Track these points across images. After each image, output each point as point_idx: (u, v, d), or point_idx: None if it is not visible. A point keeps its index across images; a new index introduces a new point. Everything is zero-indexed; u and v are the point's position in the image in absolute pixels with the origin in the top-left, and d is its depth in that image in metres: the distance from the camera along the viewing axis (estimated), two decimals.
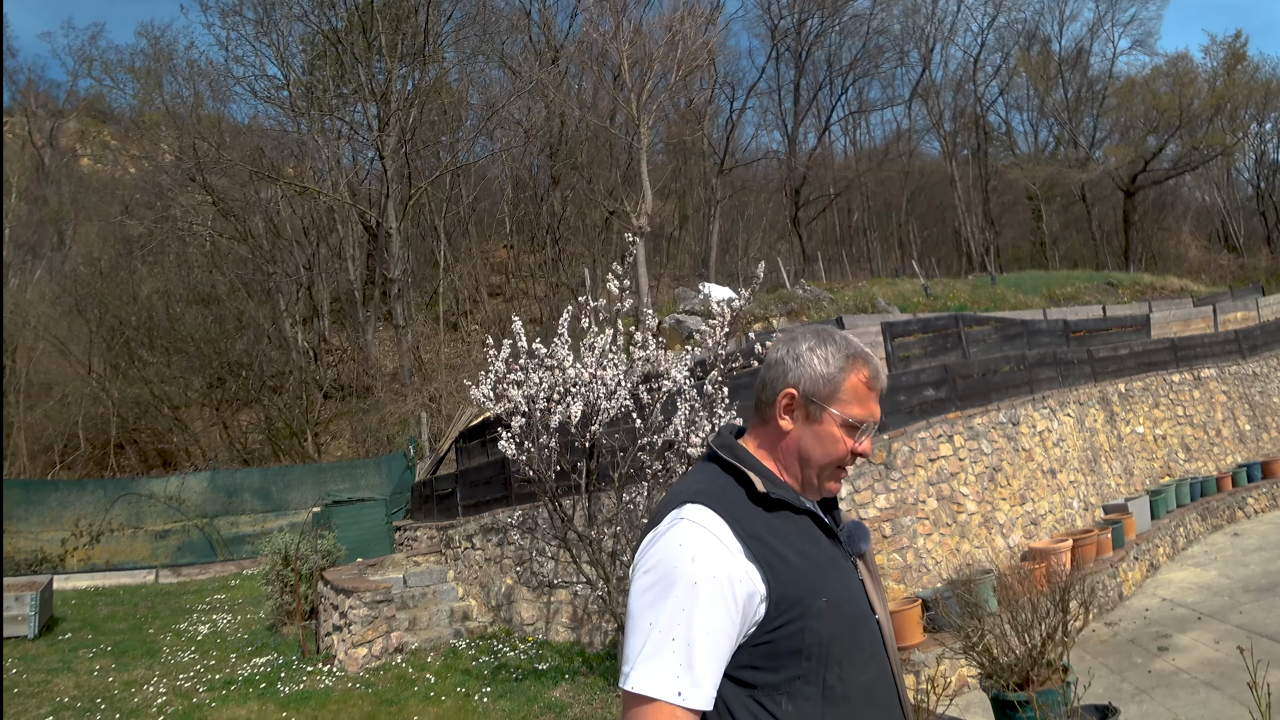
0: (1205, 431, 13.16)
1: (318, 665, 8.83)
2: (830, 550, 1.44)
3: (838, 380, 1.47)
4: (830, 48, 36.99)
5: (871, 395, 1.49)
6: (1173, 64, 35.81)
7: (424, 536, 12.31)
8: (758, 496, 1.39)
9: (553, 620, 9.41)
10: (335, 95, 25.85)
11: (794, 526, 1.41)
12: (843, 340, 1.51)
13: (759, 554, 1.33)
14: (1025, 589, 6.83)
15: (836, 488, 1.51)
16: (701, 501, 1.37)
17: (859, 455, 1.49)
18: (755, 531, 1.35)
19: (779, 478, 1.46)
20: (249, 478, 16.38)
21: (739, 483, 1.42)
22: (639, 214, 17.27)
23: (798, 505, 1.43)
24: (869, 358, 1.51)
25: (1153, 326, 14.16)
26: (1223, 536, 11.26)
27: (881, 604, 1.50)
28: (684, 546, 1.31)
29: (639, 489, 7.51)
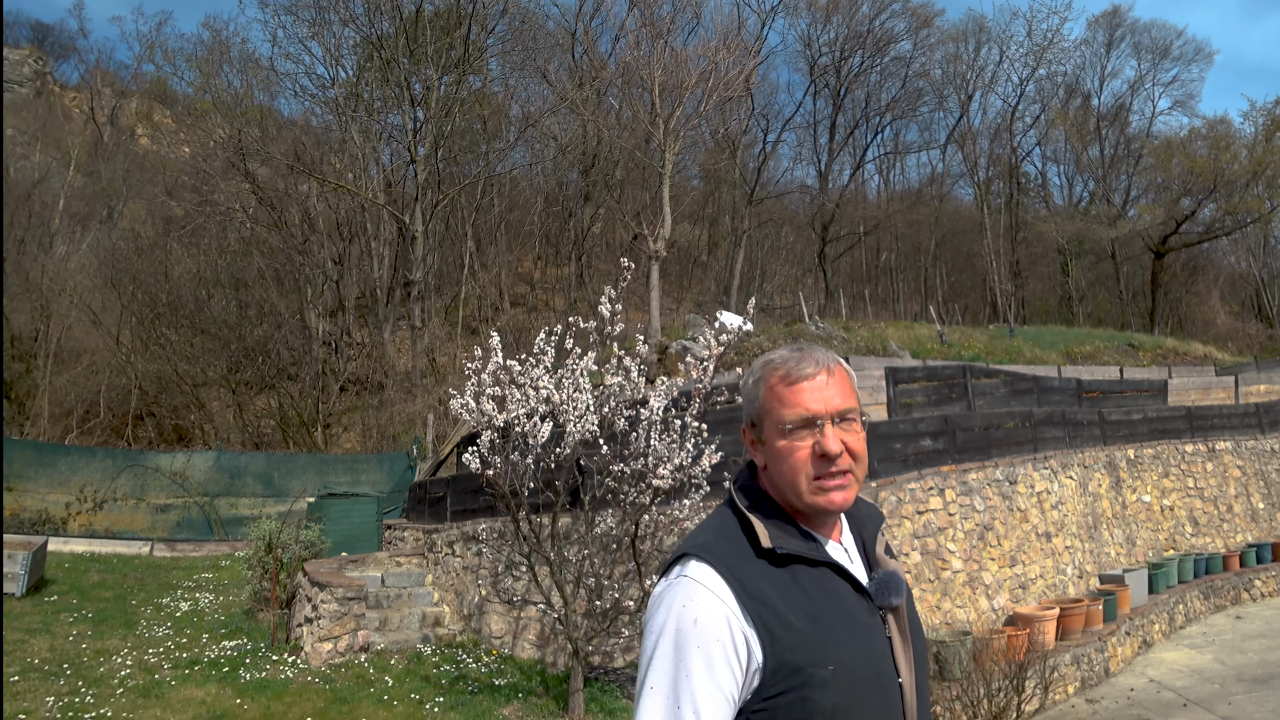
0: (1216, 506, 12.76)
1: (283, 655, 8.85)
2: (851, 606, 1.33)
3: (758, 393, 1.41)
4: (869, 87, 37.04)
5: (798, 389, 1.36)
6: (1211, 126, 35.18)
7: (410, 538, 12.34)
8: (765, 551, 1.31)
9: (520, 635, 9.36)
10: (378, 98, 26.37)
11: (806, 581, 1.31)
12: (771, 353, 1.43)
13: (759, 616, 1.26)
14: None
15: (834, 500, 1.34)
16: (705, 557, 1.31)
17: (828, 455, 1.33)
18: (758, 591, 1.28)
19: (791, 525, 1.36)
20: (253, 461, 16.61)
21: (745, 532, 1.34)
22: (656, 238, 17.30)
23: (812, 557, 1.33)
24: (786, 356, 1.41)
25: (1171, 393, 13.81)
26: (1224, 618, 10.87)
27: (909, 665, 1.36)
28: (686, 608, 1.27)
29: (609, 514, 7.46)
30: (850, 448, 1.35)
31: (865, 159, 39.62)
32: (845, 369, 1.42)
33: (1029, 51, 39.59)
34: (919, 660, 1.40)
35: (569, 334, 7.18)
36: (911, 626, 1.41)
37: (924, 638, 1.52)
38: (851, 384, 1.42)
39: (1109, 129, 39.72)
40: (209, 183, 26.60)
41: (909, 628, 1.39)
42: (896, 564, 1.43)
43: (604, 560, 7.47)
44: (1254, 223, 34.71)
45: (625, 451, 7.08)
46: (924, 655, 1.44)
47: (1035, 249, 38.32)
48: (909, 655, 1.37)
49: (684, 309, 26.51)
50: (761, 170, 33.02)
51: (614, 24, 28.59)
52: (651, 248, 17.24)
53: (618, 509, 7.32)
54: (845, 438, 1.35)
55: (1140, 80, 40.79)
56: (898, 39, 35.50)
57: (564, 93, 25.21)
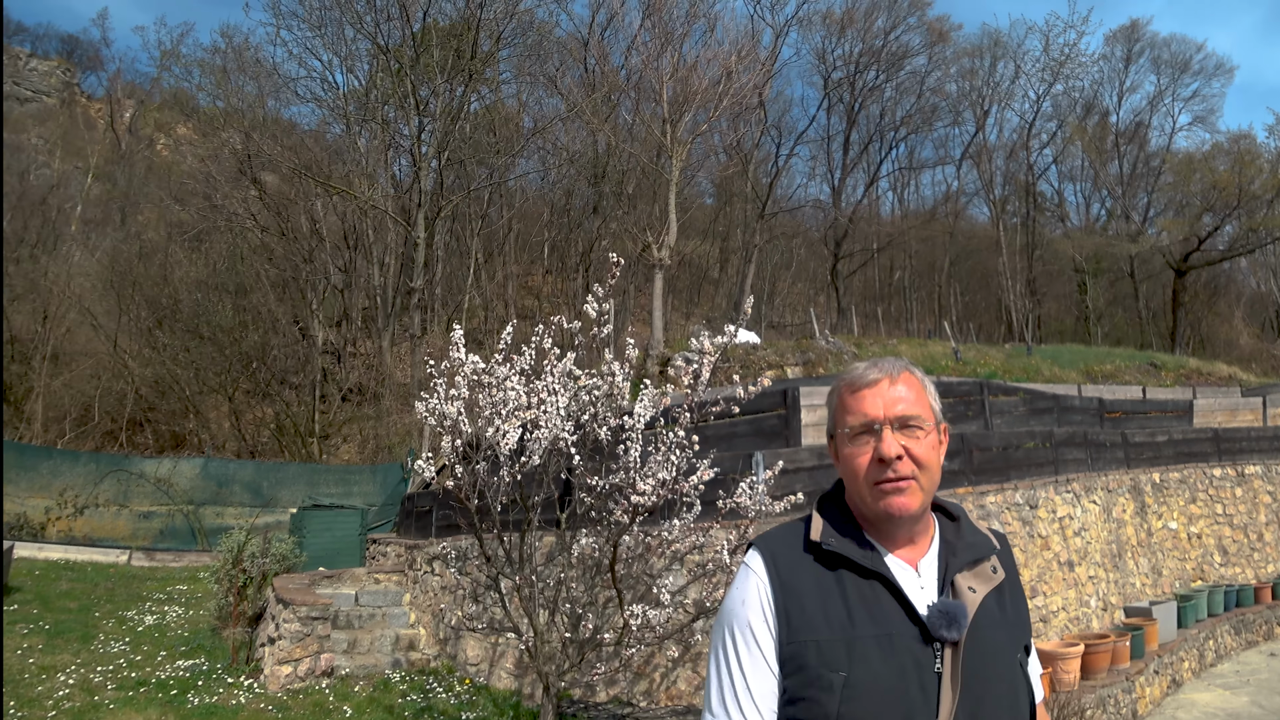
0: (1246, 534, 11.96)
1: (240, 678, 8.27)
2: (895, 626, 1.28)
3: (832, 404, 1.45)
4: (884, 102, 36.46)
5: (861, 396, 1.38)
6: (1234, 142, 34.26)
7: (393, 553, 11.75)
8: (812, 545, 1.35)
9: (497, 663, 8.73)
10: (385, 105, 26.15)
11: (850, 587, 1.31)
12: (852, 368, 1.46)
13: (783, 602, 1.31)
14: None
15: (895, 505, 1.33)
16: (758, 545, 1.40)
17: (884, 459, 1.33)
18: (792, 580, 1.32)
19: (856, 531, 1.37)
20: (242, 470, 16.13)
21: (806, 528, 1.39)
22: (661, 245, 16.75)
23: (862, 564, 1.32)
24: (858, 367, 1.44)
25: (1196, 414, 13.05)
26: (1258, 655, 10.09)
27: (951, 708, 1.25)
28: (737, 590, 1.37)
29: (590, 534, 6.84)
30: (914, 454, 1.33)
31: (879, 175, 39.08)
32: (916, 377, 1.42)
33: (1045, 67, 38.93)
34: (998, 711, 1.30)
35: (548, 333, 6.58)
36: (987, 671, 1.29)
37: (1019, 690, 1.36)
38: (922, 392, 1.41)
39: (1127, 146, 38.90)
40: (217, 189, 26.44)
41: (989, 673, 1.30)
42: (974, 598, 1.34)
43: (584, 584, 6.84)
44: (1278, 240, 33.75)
45: (606, 465, 6.47)
46: (1009, 707, 1.32)
47: (1052, 267, 37.44)
48: (955, 696, 1.26)
49: (692, 324, 25.95)
50: (774, 185, 32.49)
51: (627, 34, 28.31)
52: (656, 255, 16.69)
53: (598, 527, 6.70)
54: (908, 443, 1.34)
55: (1160, 95, 39.99)
56: (913, 54, 35.02)
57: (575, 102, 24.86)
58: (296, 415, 21.35)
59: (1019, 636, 1.40)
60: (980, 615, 1.32)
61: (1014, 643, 1.38)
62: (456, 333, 5.96)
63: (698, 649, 7.56)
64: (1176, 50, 40.77)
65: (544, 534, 8.21)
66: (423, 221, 22.99)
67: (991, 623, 1.34)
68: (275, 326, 22.89)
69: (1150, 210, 38.63)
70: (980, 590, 1.35)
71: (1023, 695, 1.36)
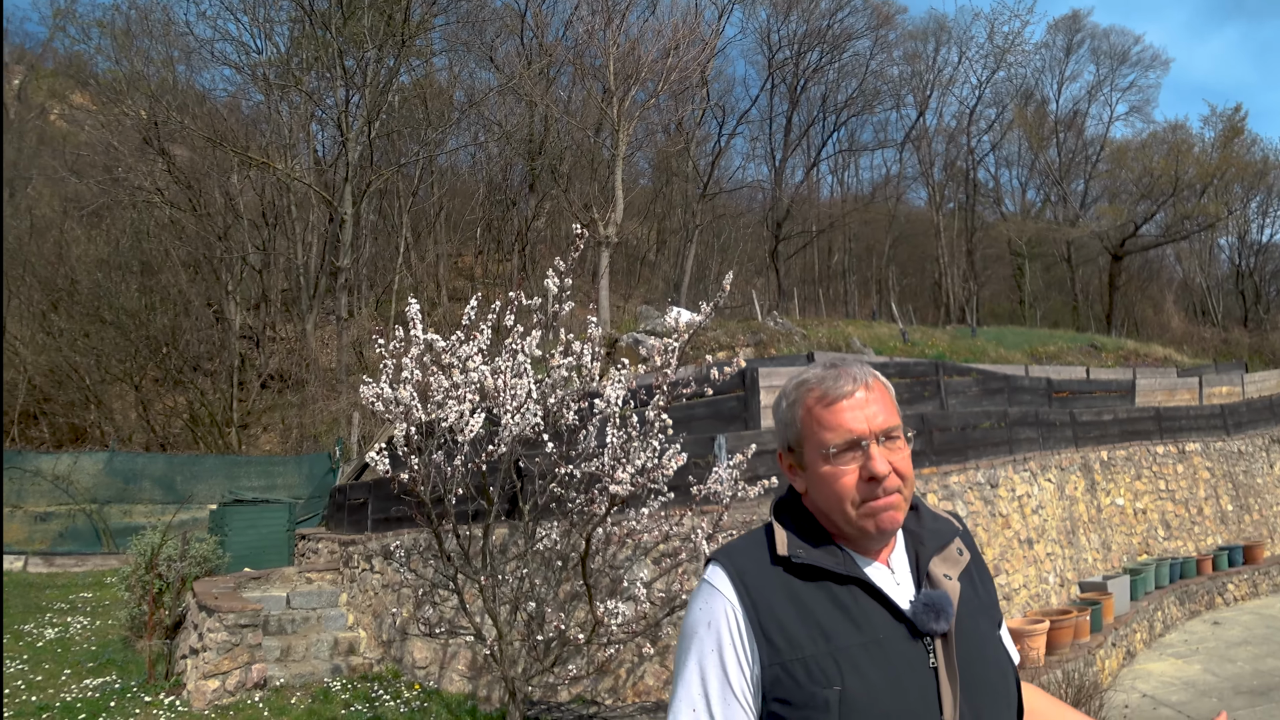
0: (1187, 509, 12.30)
1: (159, 696, 7.45)
2: (882, 629, 1.22)
3: (794, 415, 1.33)
4: (827, 84, 36.55)
5: (838, 409, 1.28)
6: (1170, 131, 35.82)
7: (325, 550, 10.96)
8: (780, 558, 1.27)
9: (449, 665, 8.12)
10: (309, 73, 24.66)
11: (827, 598, 1.24)
12: (804, 372, 1.34)
13: (760, 624, 1.23)
14: None
15: (886, 521, 1.27)
16: (720, 561, 1.31)
17: (876, 478, 1.25)
18: (765, 599, 1.25)
19: (826, 538, 1.31)
20: (152, 463, 14.89)
21: (770, 541, 1.31)
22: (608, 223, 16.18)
23: (838, 572, 1.25)
24: (820, 375, 1.31)
25: (1138, 394, 13.37)
26: (1202, 625, 10.34)
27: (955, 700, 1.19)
28: (701, 611, 1.28)
29: (554, 526, 6.31)
30: (897, 467, 1.28)
31: (820, 158, 39.23)
32: (884, 383, 1.35)
33: (989, 53, 39.70)
34: (995, 695, 1.26)
35: (509, 311, 5.98)
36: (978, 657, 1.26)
37: (1008, 670, 1.32)
38: (892, 399, 1.34)
39: (1065, 133, 40.08)
40: (119, 161, 24.46)
41: (980, 659, 1.26)
42: (954, 585, 1.29)
43: (546, 580, 6.31)
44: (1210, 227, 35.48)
45: (573, 452, 5.95)
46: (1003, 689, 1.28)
47: (989, 251, 38.42)
48: (956, 689, 1.21)
49: (631, 306, 25.44)
50: (715, 165, 32.19)
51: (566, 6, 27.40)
52: (602, 233, 16.11)
53: (564, 519, 6.17)
54: (891, 457, 1.28)
55: (1098, 85, 41.34)
56: (857, 36, 35.06)
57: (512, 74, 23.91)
58: (212, 404, 19.98)
59: (994, 615, 1.37)
60: (960, 601, 1.28)
61: (991, 623, 1.35)
62: (413, 308, 5.32)
63: (665, 642, 7.16)
64: (1115, 41, 42.20)
65: (504, 526, 7.65)
66: (349, 197, 21.74)
67: (970, 607, 1.30)
68: (187, 309, 21.34)
69: (1087, 197, 39.98)
70: (954, 575, 1.32)
71: (1010, 673, 1.33)
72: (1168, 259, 42.47)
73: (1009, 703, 1.31)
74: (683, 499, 6.68)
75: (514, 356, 5.75)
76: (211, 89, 32.70)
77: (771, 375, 9.55)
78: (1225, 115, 35.50)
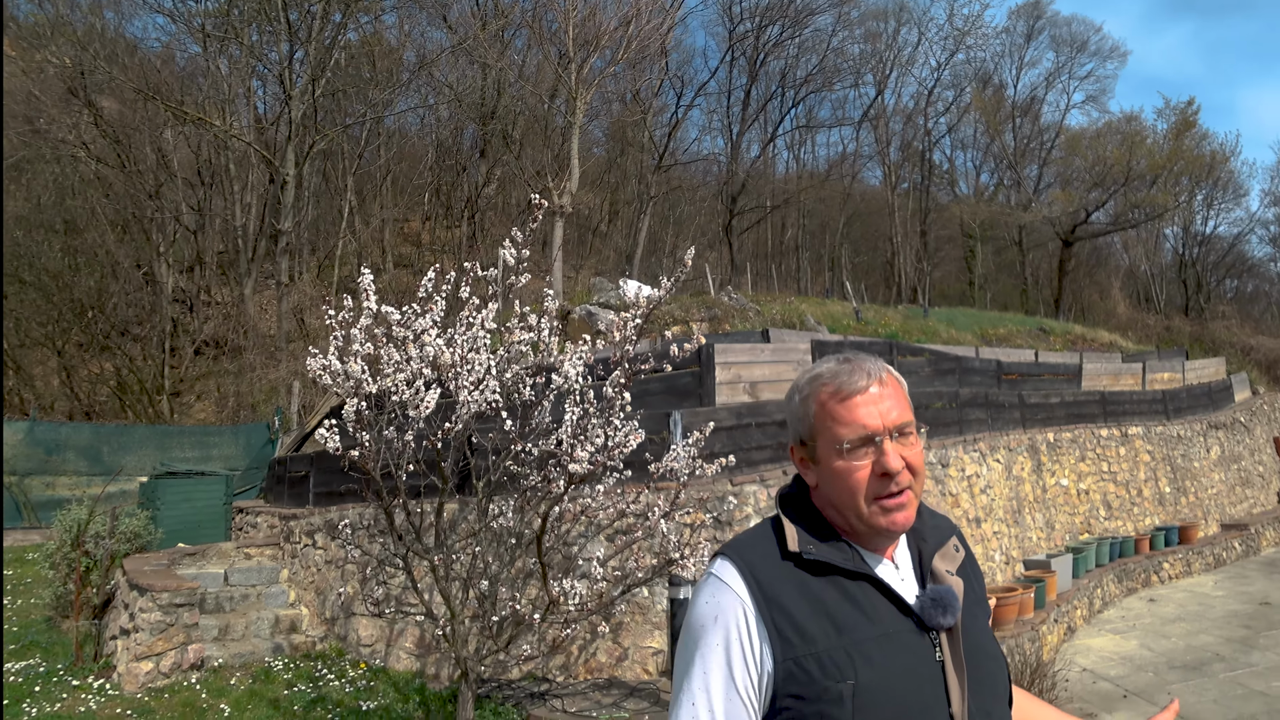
0: (1128, 490, 12.69)
1: (87, 680, 7.08)
2: (891, 624, 1.24)
3: (808, 410, 1.34)
4: (787, 59, 36.34)
5: (852, 405, 1.28)
6: (1125, 122, 36.63)
7: (264, 524, 10.56)
8: (790, 554, 1.27)
9: (395, 642, 7.89)
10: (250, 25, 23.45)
11: (838, 593, 1.25)
12: (816, 366, 1.36)
13: (772, 620, 1.23)
14: None
15: (896, 521, 1.27)
16: (729, 556, 1.31)
17: (889, 473, 1.25)
18: (776, 594, 1.24)
19: (833, 534, 1.31)
20: (77, 433, 14.14)
21: (779, 536, 1.31)
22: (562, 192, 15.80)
23: (847, 568, 1.26)
24: (835, 369, 1.33)
25: (1084, 377, 13.70)
26: (1139, 601, 10.69)
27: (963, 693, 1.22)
28: (708, 605, 1.27)
29: (508, 503, 6.10)
30: (910, 463, 1.29)
31: (777, 133, 39.07)
32: (897, 378, 1.37)
33: (949, 35, 39.89)
34: (995, 688, 1.30)
35: (465, 281, 5.70)
36: (979, 651, 1.29)
37: (1003, 663, 1.36)
38: (905, 394, 1.36)
39: (1022, 119, 40.64)
40: (42, 112, 22.98)
41: (980, 653, 1.29)
42: (956, 581, 1.31)
43: (499, 557, 6.11)
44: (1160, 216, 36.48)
45: (529, 428, 5.73)
46: (1001, 682, 1.33)
47: (942, 233, 38.93)
48: (963, 682, 1.24)
49: (583, 278, 25.09)
50: (672, 137, 31.84)
51: None
52: (557, 202, 15.73)
53: (519, 496, 5.97)
54: (905, 453, 1.28)
55: (1056, 72, 41.82)
56: (819, 11, 34.82)
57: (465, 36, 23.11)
58: (142, 371, 19.09)
59: (986, 609, 1.39)
60: (962, 596, 1.30)
61: (986, 617, 1.37)
62: (366, 278, 5.01)
63: (619, 620, 7.06)
64: (1076, 30, 42.63)
65: (455, 502, 7.42)
66: (292, 157, 20.82)
67: (969, 601, 1.31)
68: (114, 270, 20.25)
69: (1040, 182, 40.70)
70: (954, 571, 1.33)
71: (1004, 666, 1.36)
72: (1115, 247, 43.69)
73: (1004, 694, 1.34)
74: (639, 476, 6.56)
75: (470, 329, 5.50)
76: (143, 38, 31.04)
77: (727, 352, 9.47)
78: (1178, 108, 36.40)
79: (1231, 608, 10.11)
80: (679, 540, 6.21)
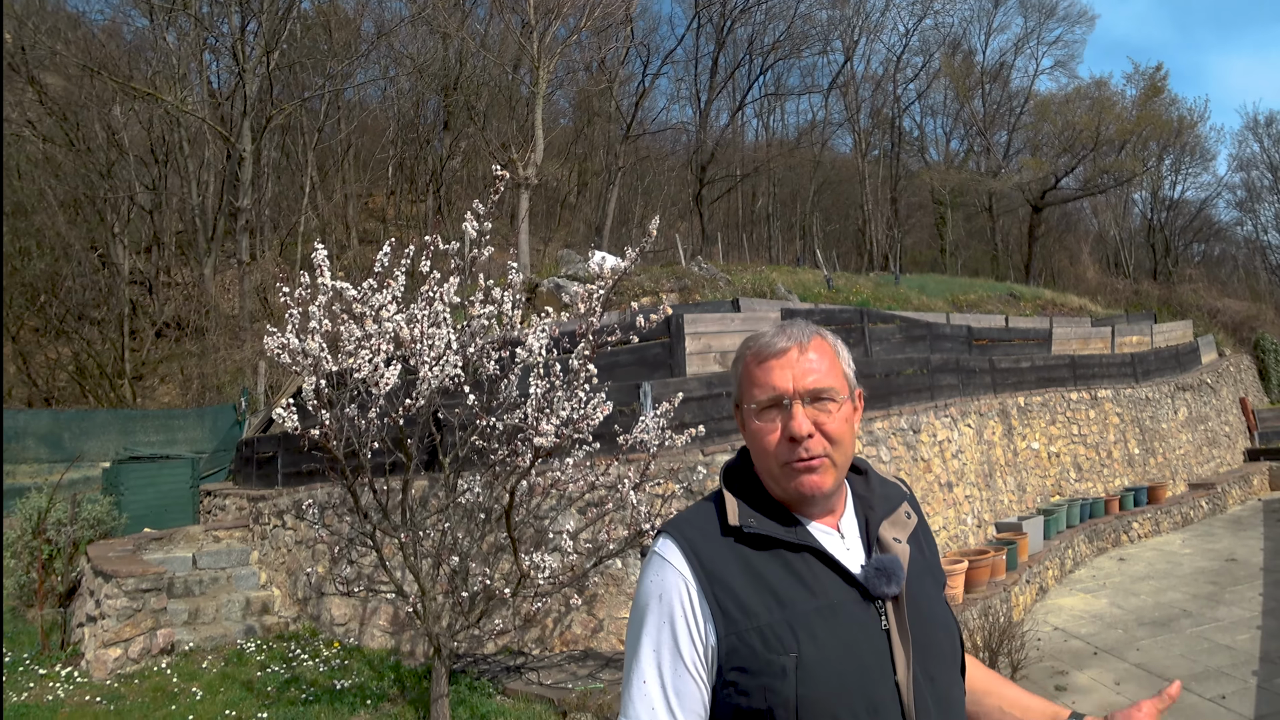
0: (1098, 452, 12.88)
1: (54, 668, 6.93)
2: (835, 594, 1.23)
3: (738, 371, 1.38)
4: (754, 26, 35.91)
5: (769, 367, 1.30)
6: (1094, 87, 36.67)
7: (233, 506, 10.40)
8: (731, 529, 1.27)
9: (369, 621, 7.82)
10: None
11: (780, 566, 1.24)
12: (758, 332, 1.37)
13: (714, 595, 1.22)
14: None
15: (806, 485, 1.27)
16: (670, 533, 1.30)
17: (795, 438, 1.26)
18: (718, 569, 1.24)
19: (774, 505, 1.30)
20: (36, 420, 13.76)
21: (720, 510, 1.31)
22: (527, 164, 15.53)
23: (788, 540, 1.26)
24: (766, 333, 1.34)
25: (1054, 342, 13.83)
26: (1109, 561, 10.90)
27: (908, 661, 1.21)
28: (652, 583, 1.28)
29: (476, 478, 6.02)
30: (826, 430, 1.27)
31: (745, 101, 38.67)
32: (828, 343, 1.34)
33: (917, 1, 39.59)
34: (942, 655, 1.29)
35: (424, 256, 5.55)
36: (926, 618, 1.27)
37: (954, 630, 1.35)
38: (835, 359, 1.33)
39: (991, 85, 40.60)
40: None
41: (928, 620, 1.28)
42: (904, 549, 1.30)
43: (469, 533, 6.04)
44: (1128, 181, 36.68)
45: (494, 402, 5.64)
46: (950, 649, 1.31)
47: (912, 200, 38.91)
48: (909, 650, 1.23)
49: (551, 250, 24.83)
50: (638, 107, 31.41)
51: None
52: (521, 174, 15.46)
53: (486, 471, 5.89)
54: (819, 418, 1.27)
55: (1025, 38, 41.69)
56: None
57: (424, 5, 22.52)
58: (101, 355, 18.61)
59: (939, 577, 1.38)
60: (909, 564, 1.29)
61: (937, 585, 1.36)
62: (320, 253, 4.87)
63: (592, 592, 7.05)
64: None
65: (424, 479, 7.32)
66: (249, 133, 20.24)
67: (918, 569, 1.31)
68: (67, 252, 19.64)
69: (1010, 148, 40.78)
70: (902, 538, 1.33)
71: (955, 634, 1.35)
72: (1084, 212, 44.05)
73: (955, 661, 1.33)
74: (608, 448, 6.51)
75: (431, 304, 5.37)
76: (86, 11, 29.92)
77: (697, 322, 9.40)
78: (1147, 74, 36.47)
79: (1199, 565, 10.32)
80: (650, 511, 6.19)
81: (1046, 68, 51.12)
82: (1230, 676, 6.45)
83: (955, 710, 1.29)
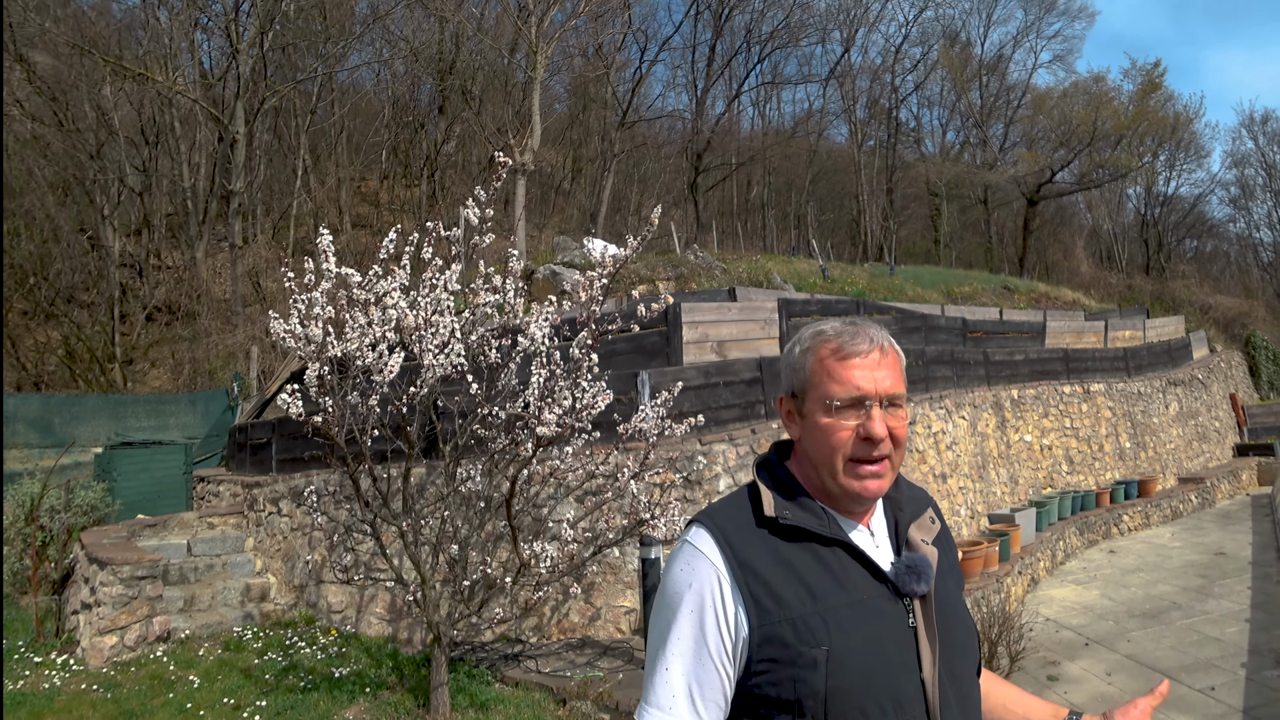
0: (1089, 445, 12.96)
1: (50, 656, 6.91)
2: (865, 590, 1.26)
3: (805, 363, 1.35)
4: (752, 14, 35.70)
5: (850, 365, 1.30)
6: (1092, 82, 36.68)
7: (227, 493, 10.35)
8: (766, 520, 1.29)
9: (366, 608, 7.82)
10: None
11: (812, 559, 1.27)
12: (822, 324, 1.38)
13: (748, 586, 1.24)
14: None
15: (868, 487, 1.28)
16: (703, 523, 1.32)
17: (872, 439, 1.27)
18: (751, 560, 1.26)
19: (808, 499, 1.32)
20: (25, 404, 13.64)
21: (754, 502, 1.33)
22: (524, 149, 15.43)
23: (821, 533, 1.28)
24: (839, 329, 1.35)
25: (1048, 335, 13.89)
26: (1099, 553, 10.99)
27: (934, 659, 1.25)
28: (683, 572, 1.29)
29: (476, 466, 6.01)
30: (894, 433, 1.30)
31: (742, 89, 38.49)
32: (897, 351, 1.37)
33: None
34: (965, 655, 1.33)
35: (426, 243, 5.52)
36: (951, 618, 1.32)
37: (974, 632, 1.40)
38: (902, 367, 1.37)
39: (989, 77, 40.54)
40: None
41: (950, 620, 1.31)
42: (931, 550, 1.33)
43: (468, 521, 6.04)
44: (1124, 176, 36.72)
45: (495, 390, 5.62)
46: (971, 650, 1.36)
47: (908, 191, 38.89)
48: (935, 648, 1.27)
49: (546, 237, 24.72)
50: (636, 93, 31.20)
51: None
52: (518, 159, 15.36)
53: (486, 460, 5.88)
54: (891, 422, 1.30)
55: (1025, 31, 41.65)
56: None
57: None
58: (91, 339, 18.45)
59: (960, 581, 1.42)
60: (935, 565, 1.32)
61: (959, 587, 1.40)
62: (324, 238, 4.81)
63: (590, 580, 7.06)
64: None
65: (423, 466, 7.30)
66: (241, 114, 20.02)
67: (942, 571, 1.34)
68: (56, 234, 19.43)
69: (1006, 141, 40.77)
70: (929, 540, 1.36)
71: (975, 635, 1.39)
72: (1079, 206, 44.16)
73: (974, 660, 1.37)
74: (607, 436, 6.51)
75: (433, 292, 5.34)
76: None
77: (694, 311, 9.39)
78: (1144, 70, 36.47)
79: (1188, 558, 10.42)
80: (649, 500, 6.19)
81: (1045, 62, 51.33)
82: (1220, 668, 6.53)
83: (975, 709, 1.32)
